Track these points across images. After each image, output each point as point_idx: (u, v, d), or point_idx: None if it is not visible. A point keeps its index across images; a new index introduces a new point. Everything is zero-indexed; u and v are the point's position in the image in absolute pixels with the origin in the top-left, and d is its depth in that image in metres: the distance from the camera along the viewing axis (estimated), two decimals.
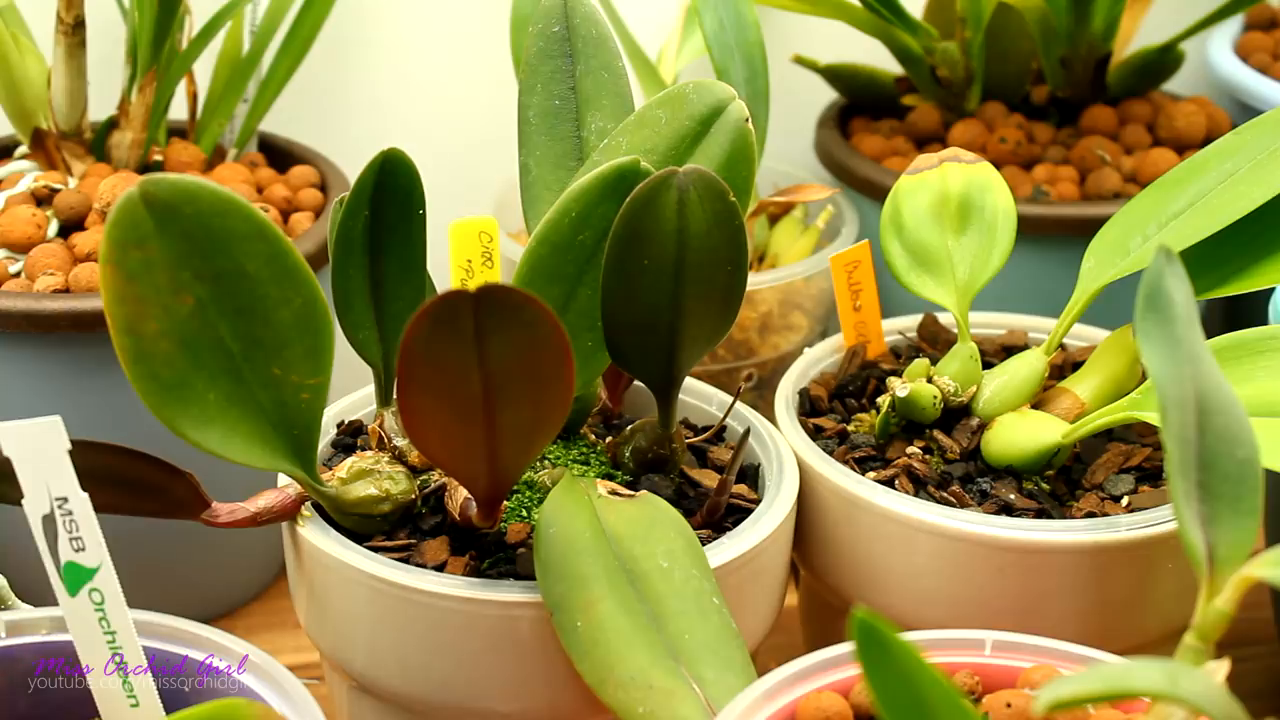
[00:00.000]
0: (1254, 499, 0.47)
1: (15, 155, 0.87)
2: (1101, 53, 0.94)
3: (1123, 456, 0.69)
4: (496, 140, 0.78)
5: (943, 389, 0.69)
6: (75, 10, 0.81)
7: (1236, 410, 0.47)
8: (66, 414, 0.52)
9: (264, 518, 0.62)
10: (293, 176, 0.88)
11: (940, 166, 0.74)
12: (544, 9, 0.68)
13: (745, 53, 0.83)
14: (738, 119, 0.63)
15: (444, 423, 0.54)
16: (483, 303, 0.50)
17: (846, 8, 0.94)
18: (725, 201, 0.58)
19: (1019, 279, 0.82)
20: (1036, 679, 0.55)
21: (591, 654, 0.56)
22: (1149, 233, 0.69)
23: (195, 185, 0.54)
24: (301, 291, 0.56)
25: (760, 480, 0.68)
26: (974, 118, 0.95)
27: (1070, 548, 0.63)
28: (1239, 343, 0.64)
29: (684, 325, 0.61)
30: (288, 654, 0.78)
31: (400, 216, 0.61)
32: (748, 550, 0.62)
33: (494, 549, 0.62)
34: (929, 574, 0.65)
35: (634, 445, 0.67)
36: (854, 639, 0.38)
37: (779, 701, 0.53)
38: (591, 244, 0.61)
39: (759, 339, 0.89)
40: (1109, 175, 0.91)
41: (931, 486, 0.67)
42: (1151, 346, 0.47)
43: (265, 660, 0.56)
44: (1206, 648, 0.47)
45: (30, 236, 0.79)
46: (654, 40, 0.98)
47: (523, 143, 0.67)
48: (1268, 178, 0.67)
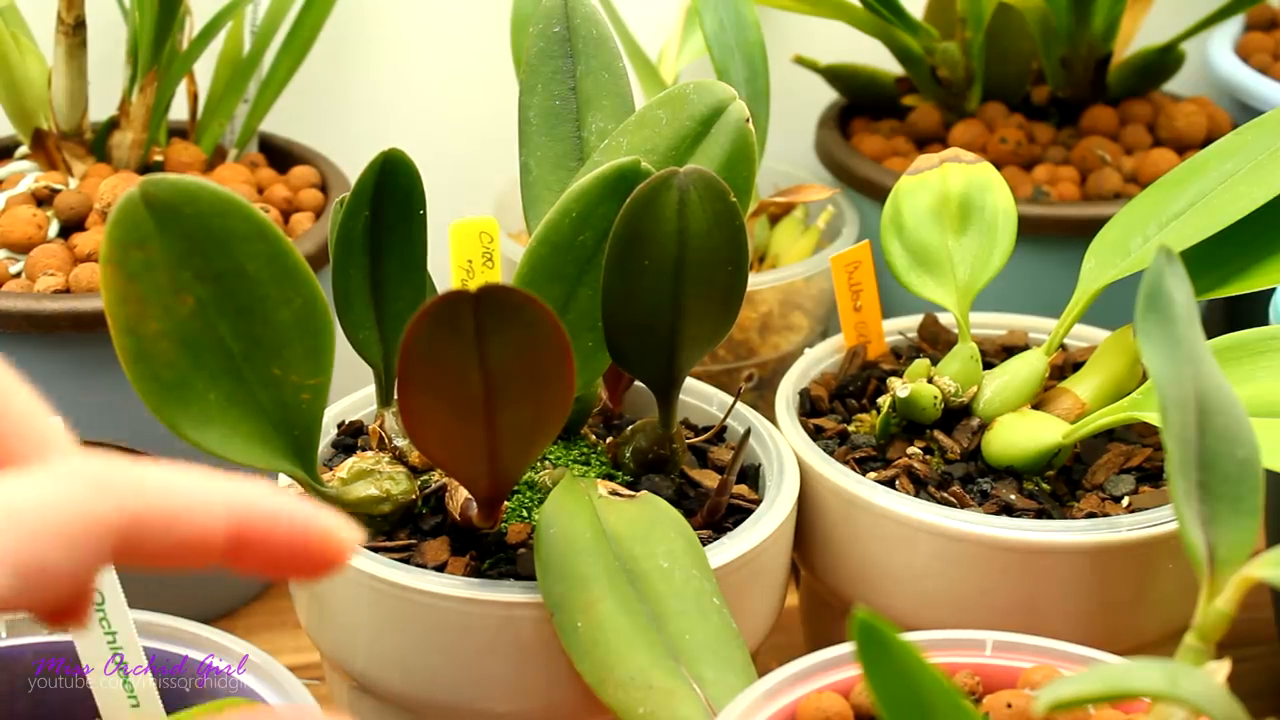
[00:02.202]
0: (1254, 499, 0.47)
1: (16, 155, 0.87)
2: (1102, 53, 0.94)
3: (1123, 457, 0.69)
4: (497, 140, 0.78)
5: (943, 389, 0.69)
6: (76, 10, 0.81)
7: (1237, 410, 0.47)
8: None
9: None
10: (293, 177, 0.88)
11: (941, 167, 0.74)
12: (544, 9, 0.68)
13: (745, 53, 0.83)
14: (738, 119, 0.63)
15: (444, 423, 0.54)
16: (483, 303, 0.50)
17: (847, 8, 0.93)
18: (726, 201, 0.58)
19: (1019, 279, 0.82)
20: (1037, 679, 0.55)
21: (592, 654, 0.56)
22: (1149, 233, 0.69)
23: (196, 185, 0.54)
24: (302, 291, 0.56)
25: (760, 480, 0.68)
26: (974, 118, 0.95)
27: (1071, 548, 0.63)
28: (1239, 343, 0.64)
29: (684, 325, 0.61)
30: (288, 654, 0.78)
31: (400, 216, 0.61)
32: (748, 550, 0.62)
33: (494, 549, 0.62)
34: (929, 574, 0.65)
35: (634, 445, 0.67)
36: (854, 639, 0.38)
37: (779, 702, 0.53)
38: (592, 244, 0.61)
39: (759, 339, 0.89)
40: (1109, 175, 0.91)
41: (932, 487, 0.67)
42: (1152, 347, 0.47)
43: (265, 660, 0.57)
44: (1207, 648, 0.47)
45: (31, 237, 0.79)
46: (654, 40, 0.98)
47: (523, 143, 0.67)
48: (1268, 178, 0.67)
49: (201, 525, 0.35)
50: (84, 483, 0.34)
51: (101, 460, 0.35)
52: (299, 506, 0.37)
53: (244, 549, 0.36)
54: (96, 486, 0.34)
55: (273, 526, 0.36)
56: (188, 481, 0.35)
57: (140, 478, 0.35)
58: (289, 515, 0.37)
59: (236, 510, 0.36)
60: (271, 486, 0.37)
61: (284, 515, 0.36)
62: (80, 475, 0.34)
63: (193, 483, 0.35)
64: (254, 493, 0.36)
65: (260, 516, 0.36)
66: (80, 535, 0.34)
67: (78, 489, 0.34)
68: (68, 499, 0.33)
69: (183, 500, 0.35)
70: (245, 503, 0.36)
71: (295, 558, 0.37)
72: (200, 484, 0.36)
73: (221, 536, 0.36)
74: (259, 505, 0.36)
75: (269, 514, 0.36)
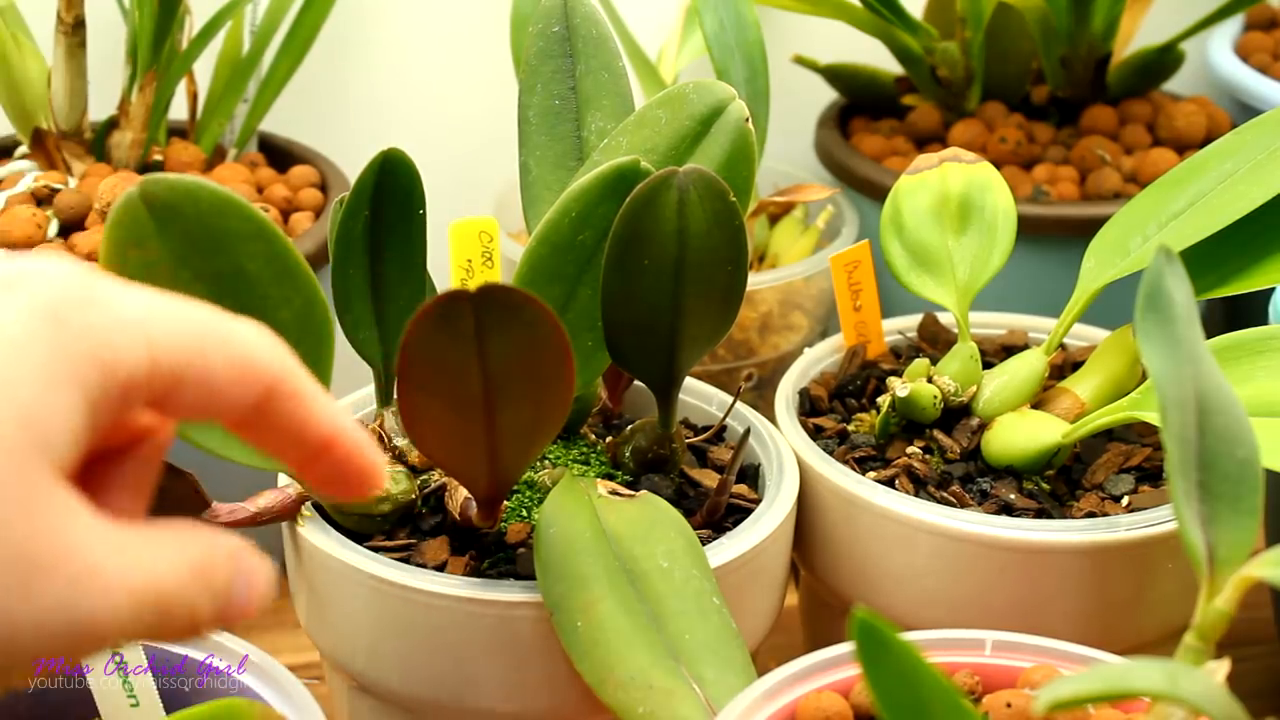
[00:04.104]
0: (1254, 499, 0.47)
1: (15, 155, 0.87)
2: (1101, 53, 0.94)
3: (1123, 456, 0.69)
4: (497, 140, 0.78)
5: (943, 389, 0.69)
6: (75, 10, 0.81)
7: (1236, 410, 0.47)
8: None
9: (264, 518, 0.62)
10: (293, 176, 0.88)
11: (940, 166, 0.74)
12: (544, 9, 0.68)
13: (745, 53, 0.83)
14: (738, 119, 0.63)
15: (444, 422, 0.54)
16: (483, 303, 0.50)
17: (846, 8, 0.94)
18: (725, 201, 0.58)
19: (1019, 279, 0.82)
20: (1036, 679, 0.54)
21: (591, 654, 0.56)
22: (1149, 233, 0.69)
23: (195, 185, 0.54)
24: (301, 291, 0.56)
25: (760, 480, 0.68)
26: (974, 118, 0.95)
27: (1070, 548, 0.63)
28: (1239, 343, 0.64)
29: (684, 325, 0.61)
30: (288, 654, 0.77)
31: (400, 216, 0.61)
32: (748, 550, 0.62)
33: (494, 549, 0.62)
34: (929, 574, 0.65)
35: (634, 445, 0.67)
36: (854, 639, 0.38)
37: (779, 701, 0.53)
38: (592, 244, 0.61)
39: (759, 339, 0.89)
40: (1109, 175, 0.91)
41: (931, 486, 0.67)
42: (1151, 346, 0.47)
43: (265, 660, 0.57)
44: (1206, 648, 0.47)
45: (30, 236, 0.79)
46: (654, 40, 0.98)
47: (523, 143, 0.67)
48: (1268, 178, 0.67)
49: (241, 385, 0.38)
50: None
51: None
52: (336, 408, 0.40)
53: (271, 418, 0.39)
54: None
55: (309, 411, 0.39)
56: (245, 333, 0.38)
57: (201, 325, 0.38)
58: (330, 412, 0.40)
59: (280, 379, 0.39)
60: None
61: (327, 411, 0.40)
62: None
63: (248, 336, 0.38)
64: (301, 377, 0.39)
65: (300, 395, 0.39)
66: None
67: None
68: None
69: (231, 353, 0.38)
70: (291, 375, 0.39)
71: (323, 451, 0.40)
72: (256, 340, 0.39)
73: (255, 398, 0.38)
74: (301, 383, 0.39)
75: (311, 398, 0.39)
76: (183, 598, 0.36)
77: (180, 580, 0.36)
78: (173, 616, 0.36)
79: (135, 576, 0.35)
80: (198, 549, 0.37)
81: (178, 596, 0.36)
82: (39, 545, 0.33)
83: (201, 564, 0.37)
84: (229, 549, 0.38)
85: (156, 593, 0.35)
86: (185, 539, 0.37)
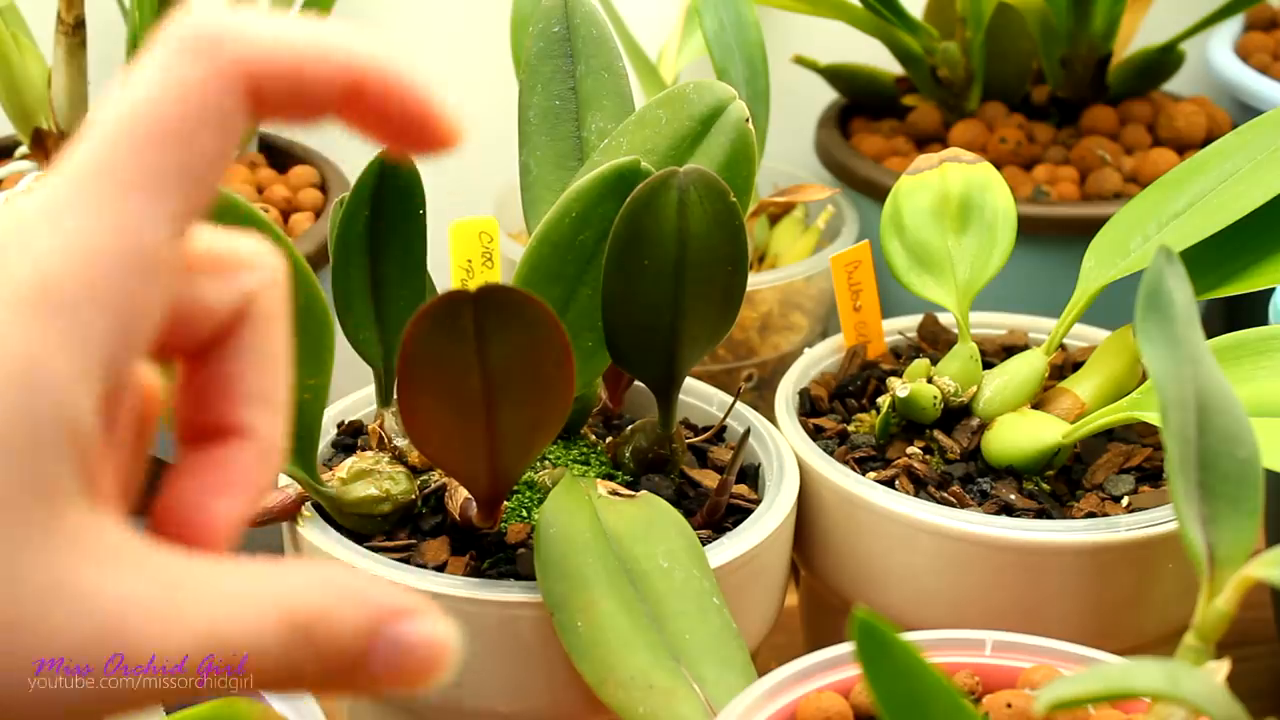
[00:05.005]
0: (1254, 499, 0.47)
1: (16, 155, 0.87)
2: (1102, 53, 0.94)
3: (1123, 456, 0.69)
4: (497, 140, 0.78)
5: (943, 389, 0.69)
6: (75, 10, 0.81)
7: (1237, 410, 0.47)
8: None
9: (264, 518, 0.62)
10: (293, 176, 0.88)
11: (940, 166, 0.74)
12: (544, 9, 0.68)
13: (745, 53, 0.83)
14: (738, 119, 0.63)
15: (444, 423, 0.54)
16: (483, 303, 0.50)
17: (846, 8, 0.94)
18: (725, 201, 0.58)
19: (1019, 279, 0.82)
20: (1037, 679, 0.54)
21: (591, 654, 0.56)
22: (1149, 233, 0.69)
23: None
24: (302, 291, 0.56)
25: (760, 480, 0.68)
26: (974, 118, 0.95)
27: (1070, 548, 0.63)
28: (1239, 343, 0.64)
29: (684, 325, 0.61)
30: None
31: (400, 216, 0.61)
32: (748, 550, 0.62)
33: (494, 549, 0.62)
34: (929, 574, 0.65)
35: (634, 445, 0.67)
36: (854, 639, 0.38)
37: (779, 701, 0.53)
38: (592, 244, 0.61)
39: (759, 339, 0.89)
40: (1109, 175, 0.91)
41: (932, 486, 0.67)
42: (1152, 346, 0.47)
43: None
44: (1207, 648, 0.47)
45: None
46: (654, 40, 0.98)
47: (523, 143, 0.67)
48: (1268, 178, 0.67)
49: (318, 73, 0.35)
50: (187, 55, 0.33)
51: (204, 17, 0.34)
52: (417, 73, 0.37)
53: (360, 102, 0.36)
54: (201, 51, 0.33)
55: (390, 81, 0.36)
56: (303, 30, 0.35)
57: (253, 32, 0.34)
58: (408, 76, 0.37)
59: (355, 60, 0.36)
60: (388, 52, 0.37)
61: (404, 75, 0.36)
62: (181, 46, 0.33)
63: (309, 31, 0.35)
64: (373, 49, 0.36)
65: (378, 69, 0.36)
66: (207, 104, 0.33)
67: (184, 66, 0.33)
68: (178, 80, 0.33)
69: (301, 49, 0.35)
70: (364, 54, 0.36)
71: (408, 119, 0.37)
72: (316, 33, 0.36)
73: (340, 86, 0.36)
74: (378, 58, 0.36)
75: (387, 69, 0.36)
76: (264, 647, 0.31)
77: (260, 629, 0.31)
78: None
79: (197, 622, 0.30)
80: (310, 594, 0.31)
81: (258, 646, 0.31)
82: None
83: (306, 612, 0.31)
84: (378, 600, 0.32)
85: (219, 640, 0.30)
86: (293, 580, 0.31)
